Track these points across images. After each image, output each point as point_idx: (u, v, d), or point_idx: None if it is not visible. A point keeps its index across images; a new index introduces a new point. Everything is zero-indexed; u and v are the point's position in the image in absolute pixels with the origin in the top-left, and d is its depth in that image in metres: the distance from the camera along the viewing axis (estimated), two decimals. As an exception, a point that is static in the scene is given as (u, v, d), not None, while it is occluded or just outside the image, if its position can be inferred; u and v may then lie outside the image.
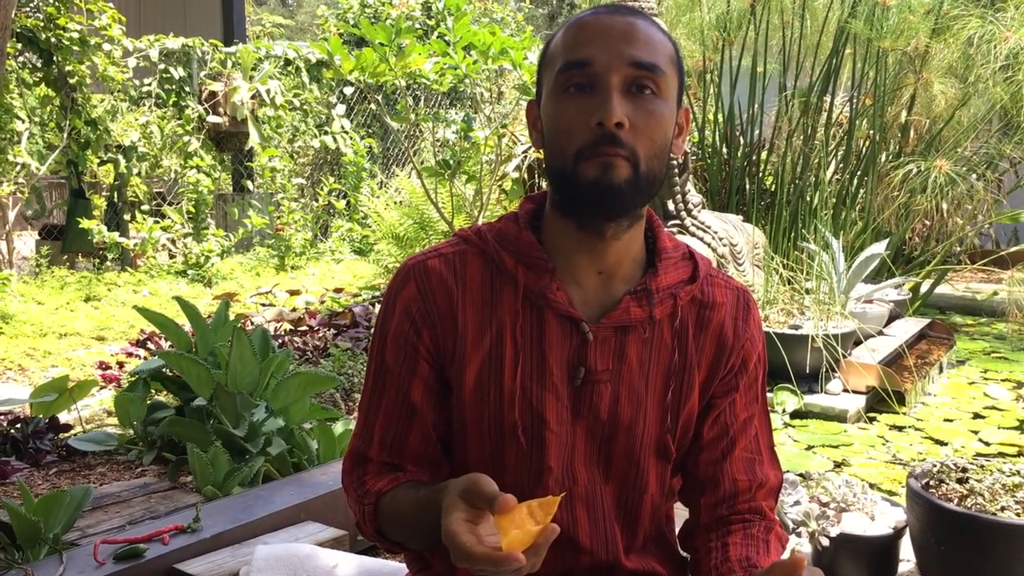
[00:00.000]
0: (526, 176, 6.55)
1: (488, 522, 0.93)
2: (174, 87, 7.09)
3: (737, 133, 6.61)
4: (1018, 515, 2.11)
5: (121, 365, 3.97)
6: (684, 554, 1.28)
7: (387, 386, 1.18)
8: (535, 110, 1.16)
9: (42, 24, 6.02)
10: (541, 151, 1.16)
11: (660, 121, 1.07)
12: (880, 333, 4.69)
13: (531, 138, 1.19)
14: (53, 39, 6.07)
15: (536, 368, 1.13)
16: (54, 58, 6.13)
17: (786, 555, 2.18)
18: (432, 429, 1.17)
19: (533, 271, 1.14)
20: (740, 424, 1.23)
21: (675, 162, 4.81)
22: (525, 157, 6.51)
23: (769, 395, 3.98)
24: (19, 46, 6.06)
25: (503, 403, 1.13)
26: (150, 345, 3.92)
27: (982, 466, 2.30)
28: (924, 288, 5.94)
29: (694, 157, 6.41)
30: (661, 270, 1.17)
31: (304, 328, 4.67)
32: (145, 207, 7.01)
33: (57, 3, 6.10)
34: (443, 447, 1.20)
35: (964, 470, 2.29)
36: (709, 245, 4.81)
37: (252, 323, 4.48)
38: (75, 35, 6.15)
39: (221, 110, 7.38)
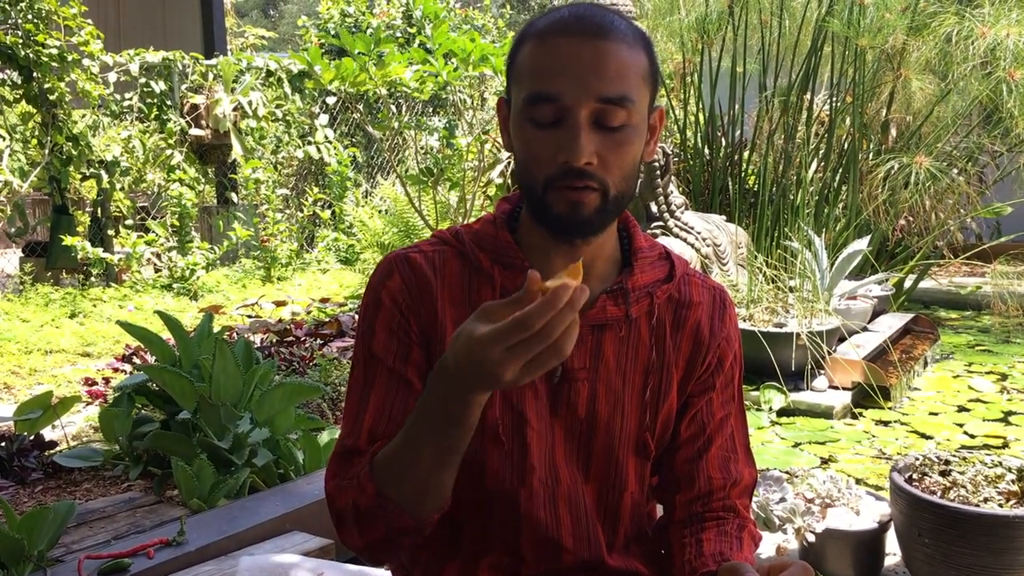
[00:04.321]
0: (510, 182, 6.56)
1: None
2: (155, 101, 7.07)
3: (719, 134, 6.63)
4: (1001, 506, 2.12)
5: (107, 380, 3.95)
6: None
7: (377, 376, 1.15)
8: (504, 108, 1.15)
9: (21, 41, 6.00)
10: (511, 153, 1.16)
11: (629, 151, 1.08)
12: (864, 329, 4.71)
13: (502, 138, 1.17)
14: (32, 55, 6.06)
15: None
16: (34, 75, 6.11)
17: (769, 552, 2.18)
18: None
19: (509, 271, 1.15)
20: (716, 423, 1.24)
21: (657, 164, 4.82)
22: (509, 163, 6.52)
23: (755, 393, 3.99)
24: (-2, 63, 6.06)
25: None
26: (136, 360, 3.91)
27: (964, 458, 2.32)
28: (907, 283, 5.97)
29: (676, 158, 6.43)
30: (637, 269, 1.18)
31: (290, 339, 4.66)
32: (129, 222, 6.99)
33: (36, 20, 6.08)
34: None
35: (947, 463, 2.30)
36: (692, 246, 4.83)
37: (236, 335, 4.47)
38: (54, 51, 6.13)
39: (203, 123, 7.37)
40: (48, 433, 3.17)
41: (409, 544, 1.11)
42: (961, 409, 4.07)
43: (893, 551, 2.36)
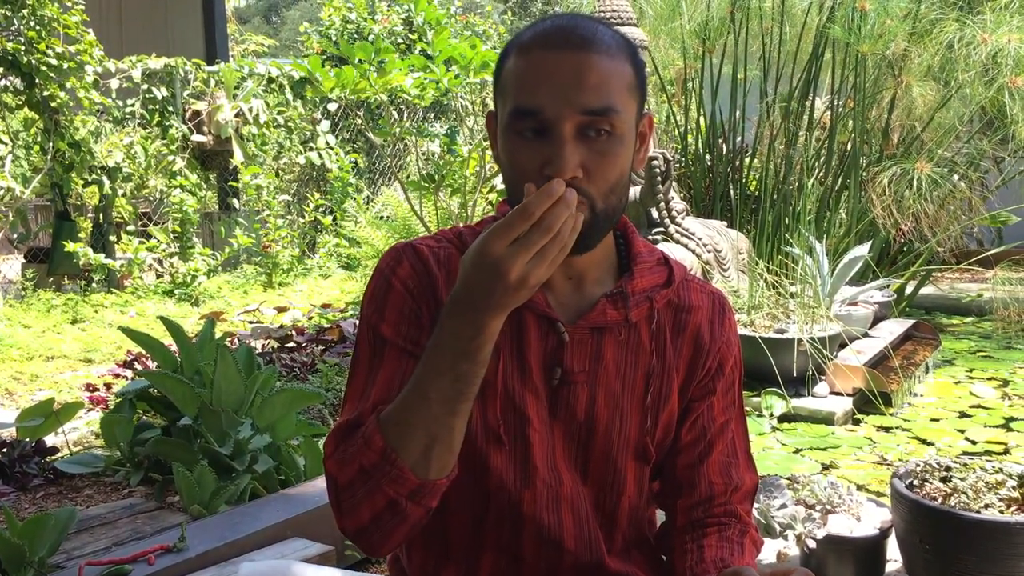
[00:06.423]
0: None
1: None
2: (157, 107, 7.08)
3: (720, 139, 6.64)
4: (1001, 512, 2.12)
5: (109, 386, 3.96)
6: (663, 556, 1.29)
7: (386, 355, 1.13)
8: (493, 123, 1.15)
9: (23, 48, 6.01)
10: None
11: (615, 160, 1.07)
12: (865, 335, 4.71)
13: (492, 152, 1.18)
14: (34, 62, 6.07)
15: (517, 366, 1.14)
16: (36, 81, 6.12)
17: (770, 558, 2.18)
18: None
19: None
20: (717, 428, 1.24)
21: (658, 170, 4.83)
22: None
23: (756, 399, 3.99)
24: (0, 70, 6.06)
25: (485, 400, 1.13)
26: (137, 366, 3.91)
27: (965, 464, 2.32)
28: (909, 289, 5.97)
29: (677, 164, 6.43)
30: (637, 274, 1.19)
31: (292, 345, 4.66)
32: (131, 228, 6.99)
33: (38, 27, 6.09)
34: None
35: (947, 469, 2.30)
36: (693, 251, 4.83)
37: (238, 341, 4.47)
38: (54, 60, 6.14)
39: (205, 129, 7.37)
40: (50, 439, 3.18)
41: (410, 519, 1.06)
42: (962, 415, 4.06)
43: (894, 557, 2.36)
